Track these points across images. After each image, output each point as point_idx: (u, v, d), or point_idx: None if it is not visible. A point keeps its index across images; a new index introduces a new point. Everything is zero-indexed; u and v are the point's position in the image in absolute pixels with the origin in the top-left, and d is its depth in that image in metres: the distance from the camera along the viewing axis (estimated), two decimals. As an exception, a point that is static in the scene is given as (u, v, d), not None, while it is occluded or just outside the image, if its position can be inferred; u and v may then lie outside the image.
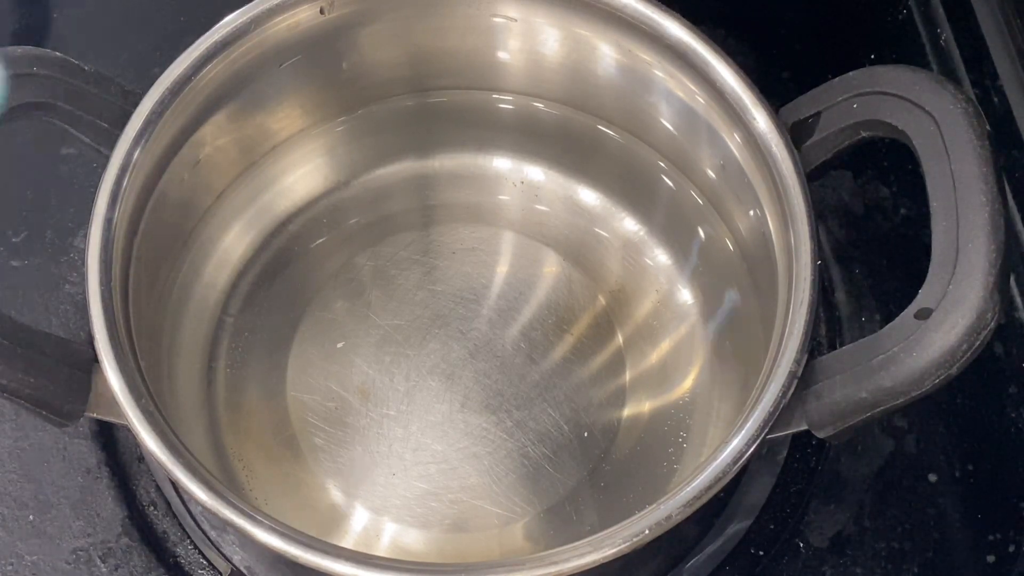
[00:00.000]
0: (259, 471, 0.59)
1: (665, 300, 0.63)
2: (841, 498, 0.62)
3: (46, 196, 0.69)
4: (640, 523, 0.47)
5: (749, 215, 0.59)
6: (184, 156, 0.58)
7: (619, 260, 0.64)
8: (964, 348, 0.45)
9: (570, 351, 0.62)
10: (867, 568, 0.61)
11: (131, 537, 0.61)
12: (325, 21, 0.59)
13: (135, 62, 0.71)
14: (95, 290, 0.51)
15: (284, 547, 0.47)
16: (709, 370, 0.61)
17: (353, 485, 0.59)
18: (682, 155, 0.64)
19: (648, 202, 0.65)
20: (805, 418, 0.50)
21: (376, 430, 0.60)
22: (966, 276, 0.46)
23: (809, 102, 0.54)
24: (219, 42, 0.57)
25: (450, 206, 0.66)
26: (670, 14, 0.57)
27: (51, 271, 0.67)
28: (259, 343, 0.62)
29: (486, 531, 0.58)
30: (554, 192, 0.66)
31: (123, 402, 0.49)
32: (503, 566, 0.47)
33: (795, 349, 0.50)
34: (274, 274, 0.64)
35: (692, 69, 0.57)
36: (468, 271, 0.64)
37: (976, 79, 0.70)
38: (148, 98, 0.55)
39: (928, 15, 0.74)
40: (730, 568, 0.61)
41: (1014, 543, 0.61)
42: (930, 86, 0.50)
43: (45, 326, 0.65)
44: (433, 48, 0.64)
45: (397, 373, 0.61)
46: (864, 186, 0.70)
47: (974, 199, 0.47)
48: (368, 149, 0.67)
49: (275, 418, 0.60)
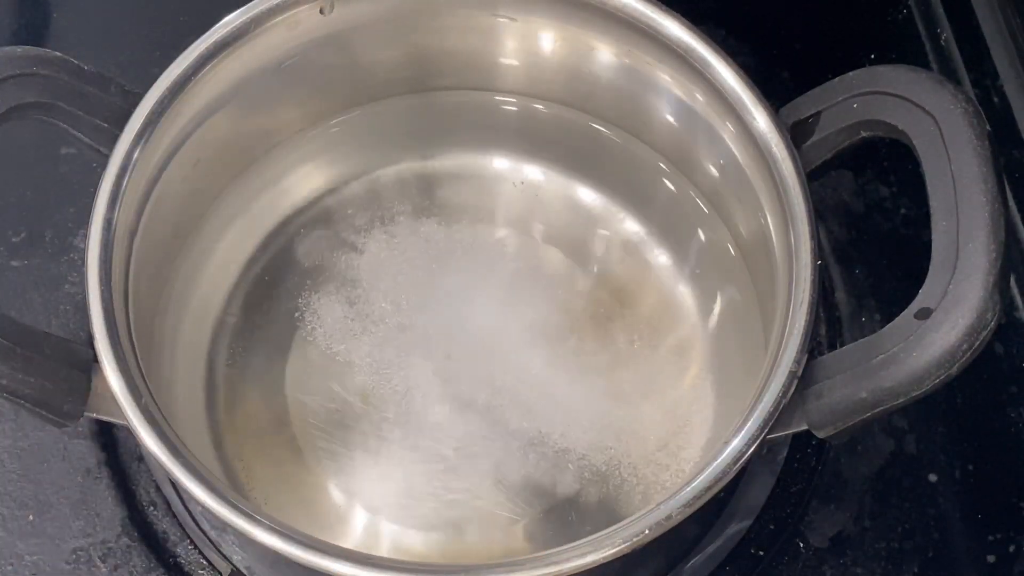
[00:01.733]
0: (259, 471, 0.59)
1: (665, 300, 0.63)
2: (841, 498, 0.62)
3: (46, 196, 0.69)
4: (640, 523, 0.47)
5: (749, 215, 0.59)
6: (184, 156, 0.58)
7: (619, 260, 0.64)
8: (964, 348, 0.45)
9: (570, 351, 0.62)
10: (867, 568, 0.61)
11: (131, 537, 0.61)
12: (325, 21, 0.59)
13: (135, 62, 0.71)
14: (95, 290, 0.51)
15: (284, 547, 0.47)
16: (709, 370, 0.61)
17: (353, 485, 0.59)
18: (682, 155, 0.64)
19: (648, 202, 0.65)
20: (805, 418, 0.50)
21: (376, 431, 0.60)
22: (966, 276, 0.46)
23: (809, 102, 0.54)
24: (219, 42, 0.57)
25: (450, 206, 0.66)
26: (670, 14, 0.57)
27: (51, 271, 0.67)
28: (259, 343, 0.62)
29: (486, 531, 0.58)
30: (554, 192, 0.66)
31: (123, 402, 0.49)
32: (503, 566, 0.47)
33: (795, 349, 0.50)
34: (274, 274, 0.64)
35: (692, 69, 0.57)
36: (468, 271, 0.64)
37: (976, 79, 0.70)
38: (148, 98, 0.55)
39: (928, 15, 0.74)
40: (730, 568, 0.61)
41: (1014, 543, 0.61)
42: (930, 86, 0.50)
43: (45, 326, 0.65)
44: (433, 48, 0.64)
45: (397, 374, 0.61)
46: (864, 186, 0.70)
47: (974, 199, 0.47)
48: (368, 149, 0.67)
49: (275, 418, 0.60)
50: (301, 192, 0.65)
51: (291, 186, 0.65)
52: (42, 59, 0.53)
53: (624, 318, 0.63)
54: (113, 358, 0.50)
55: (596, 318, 0.63)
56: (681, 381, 0.61)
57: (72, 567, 0.60)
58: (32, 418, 0.58)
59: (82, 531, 0.61)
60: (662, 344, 0.62)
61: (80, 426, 0.62)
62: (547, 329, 0.62)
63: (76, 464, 0.62)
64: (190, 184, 0.60)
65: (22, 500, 0.61)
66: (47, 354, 0.50)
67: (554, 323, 0.62)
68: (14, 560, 0.60)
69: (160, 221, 0.58)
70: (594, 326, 0.62)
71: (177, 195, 0.59)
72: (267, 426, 0.60)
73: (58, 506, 0.61)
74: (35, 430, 0.63)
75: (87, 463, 0.62)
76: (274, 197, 0.65)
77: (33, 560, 0.60)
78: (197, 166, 0.60)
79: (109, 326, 0.51)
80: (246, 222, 0.64)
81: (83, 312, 0.51)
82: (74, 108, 0.54)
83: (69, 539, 0.61)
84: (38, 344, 0.50)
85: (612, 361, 0.62)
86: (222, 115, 0.59)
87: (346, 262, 0.64)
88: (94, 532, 0.61)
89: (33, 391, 0.49)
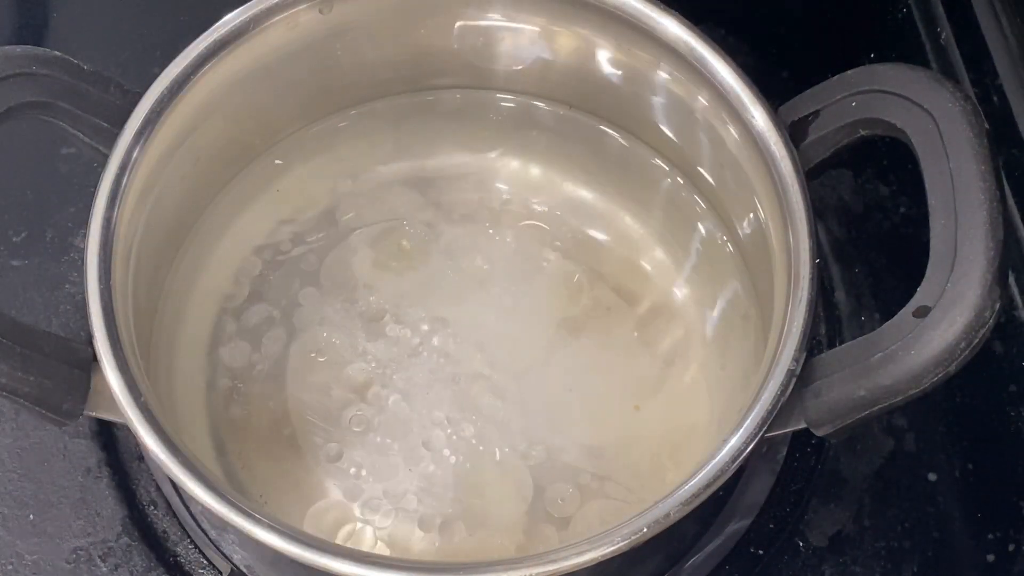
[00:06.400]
0: (259, 470, 0.59)
1: (664, 299, 0.63)
2: (841, 497, 0.62)
3: (46, 196, 0.69)
4: (638, 521, 0.47)
5: (748, 214, 0.59)
6: (184, 155, 0.58)
7: (618, 259, 0.64)
8: (963, 346, 0.45)
9: (569, 350, 0.62)
10: (867, 567, 0.61)
11: (131, 536, 0.61)
12: (324, 20, 0.60)
13: (135, 62, 0.71)
14: (95, 290, 0.51)
15: (284, 547, 0.47)
16: (708, 368, 0.61)
17: (353, 484, 0.59)
18: (681, 154, 0.64)
19: (647, 201, 0.65)
20: (804, 416, 0.50)
21: (376, 429, 0.60)
22: (964, 274, 0.46)
23: (808, 100, 0.55)
24: (218, 41, 0.57)
25: (450, 205, 0.66)
26: (670, 13, 0.57)
27: (51, 271, 0.67)
28: (259, 342, 0.62)
29: (486, 530, 0.58)
30: (554, 192, 0.66)
31: (123, 401, 0.49)
32: (503, 564, 0.47)
33: (794, 347, 0.50)
34: (273, 273, 0.64)
35: (691, 68, 0.57)
36: (467, 270, 0.64)
37: (976, 78, 0.70)
38: (147, 97, 0.55)
39: (928, 14, 0.74)
40: (730, 567, 0.61)
41: (1014, 542, 0.61)
42: (928, 84, 0.50)
43: (45, 326, 0.65)
44: (433, 47, 0.64)
45: (397, 373, 0.61)
46: (864, 185, 0.70)
47: (972, 197, 0.47)
48: (367, 148, 0.67)
49: (275, 417, 0.60)
50: (300, 191, 0.65)
51: (290, 185, 0.65)
52: (42, 59, 0.53)
53: (623, 317, 0.63)
54: (113, 357, 0.50)
55: (596, 317, 0.63)
56: (680, 379, 0.61)
57: (72, 566, 0.60)
58: (32, 417, 0.59)
59: (82, 530, 0.61)
60: (661, 342, 0.62)
61: (80, 425, 0.62)
62: (546, 328, 0.62)
63: (76, 464, 0.62)
64: (190, 183, 0.60)
65: (22, 499, 0.61)
66: (47, 353, 0.50)
67: (553, 322, 0.62)
68: (14, 559, 0.60)
69: (160, 220, 0.58)
70: (593, 325, 0.62)
71: (177, 194, 0.59)
72: (267, 425, 0.60)
73: (58, 505, 0.61)
74: (35, 429, 0.63)
75: (87, 463, 0.62)
76: (273, 196, 0.65)
77: (33, 559, 0.60)
78: (197, 165, 0.60)
79: (109, 325, 0.51)
80: (245, 221, 0.64)
81: (83, 312, 0.51)
82: (74, 107, 0.54)
83: (69, 538, 0.61)
84: (38, 343, 0.50)
85: (611, 360, 0.62)
86: (221, 114, 0.59)
87: (345, 260, 0.64)
88: (94, 531, 0.61)
89: (33, 390, 0.49)
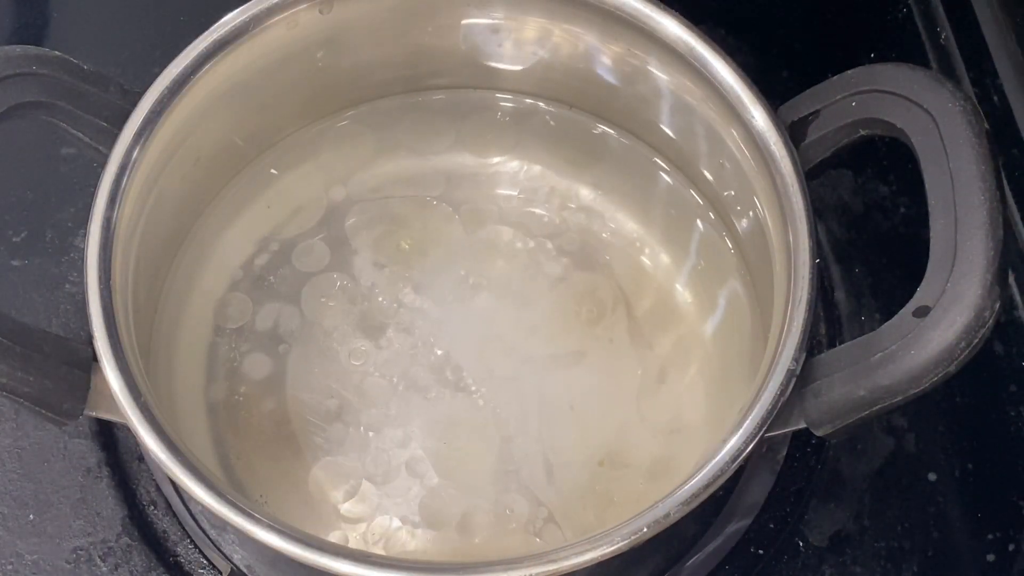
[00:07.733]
0: (259, 470, 0.59)
1: (664, 299, 0.63)
2: (841, 497, 0.62)
3: (46, 196, 0.69)
4: (638, 521, 0.47)
5: (748, 214, 0.59)
6: (183, 155, 0.58)
7: (618, 259, 0.64)
8: (962, 346, 0.45)
9: (570, 351, 0.62)
10: (867, 567, 0.61)
11: (131, 536, 0.61)
12: (324, 20, 0.60)
13: (135, 62, 0.71)
14: (94, 290, 0.51)
15: (284, 546, 0.47)
16: (708, 368, 0.61)
17: (353, 484, 0.59)
18: (681, 154, 0.64)
19: (647, 201, 0.65)
20: (803, 416, 0.50)
21: (376, 429, 0.60)
22: (964, 274, 0.46)
23: (808, 100, 0.55)
24: (218, 41, 0.57)
25: (449, 205, 0.66)
26: (670, 13, 0.57)
27: (51, 271, 0.67)
28: (259, 342, 0.62)
29: (486, 530, 0.58)
30: (554, 192, 0.66)
31: (122, 401, 0.49)
32: (502, 564, 0.47)
33: (794, 347, 0.50)
34: (273, 272, 0.64)
35: (691, 68, 0.57)
36: (467, 271, 0.64)
37: (976, 78, 0.70)
38: (147, 97, 0.55)
39: (928, 14, 0.74)
40: (730, 567, 0.61)
41: (1014, 542, 0.61)
42: (928, 84, 0.50)
43: (45, 326, 0.65)
44: (433, 47, 0.64)
45: (397, 372, 0.61)
46: (864, 185, 0.70)
47: (972, 197, 0.47)
48: (367, 148, 0.67)
49: (275, 417, 0.60)
50: (300, 191, 0.65)
51: (290, 185, 0.65)
52: (42, 58, 0.53)
53: (623, 317, 0.63)
54: (113, 357, 0.50)
55: (596, 317, 0.63)
56: (680, 379, 0.61)
57: (72, 566, 0.60)
58: (32, 417, 0.59)
59: (82, 530, 0.61)
60: (661, 342, 0.62)
61: (80, 425, 0.62)
62: (546, 328, 0.62)
63: (76, 463, 0.62)
64: (190, 183, 0.60)
65: (22, 499, 0.61)
66: (47, 353, 0.50)
67: (553, 322, 0.62)
68: (14, 559, 0.60)
69: (160, 220, 0.58)
70: (594, 325, 0.62)
71: (177, 194, 0.59)
72: (267, 425, 0.60)
73: (58, 505, 0.61)
74: (35, 429, 0.63)
75: (87, 463, 0.62)
76: (273, 196, 0.65)
77: (33, 559, 0.60)
78: (197, 165, 0.60)
79: (109, 325, 0.51)
80: (245, 221, 0.64)
81: (83, 312, 0.51)
82: (74, 107, 0.54)
83: (69, 538, 0.61)
84: (38, 343, 0.50)
85: (611, 359, 0.62)
86: (221, 114, 0.59)
87: (345, 261, 0.64)
88: (94, 531, 0.61)
89: (33, 389, 0.49)
